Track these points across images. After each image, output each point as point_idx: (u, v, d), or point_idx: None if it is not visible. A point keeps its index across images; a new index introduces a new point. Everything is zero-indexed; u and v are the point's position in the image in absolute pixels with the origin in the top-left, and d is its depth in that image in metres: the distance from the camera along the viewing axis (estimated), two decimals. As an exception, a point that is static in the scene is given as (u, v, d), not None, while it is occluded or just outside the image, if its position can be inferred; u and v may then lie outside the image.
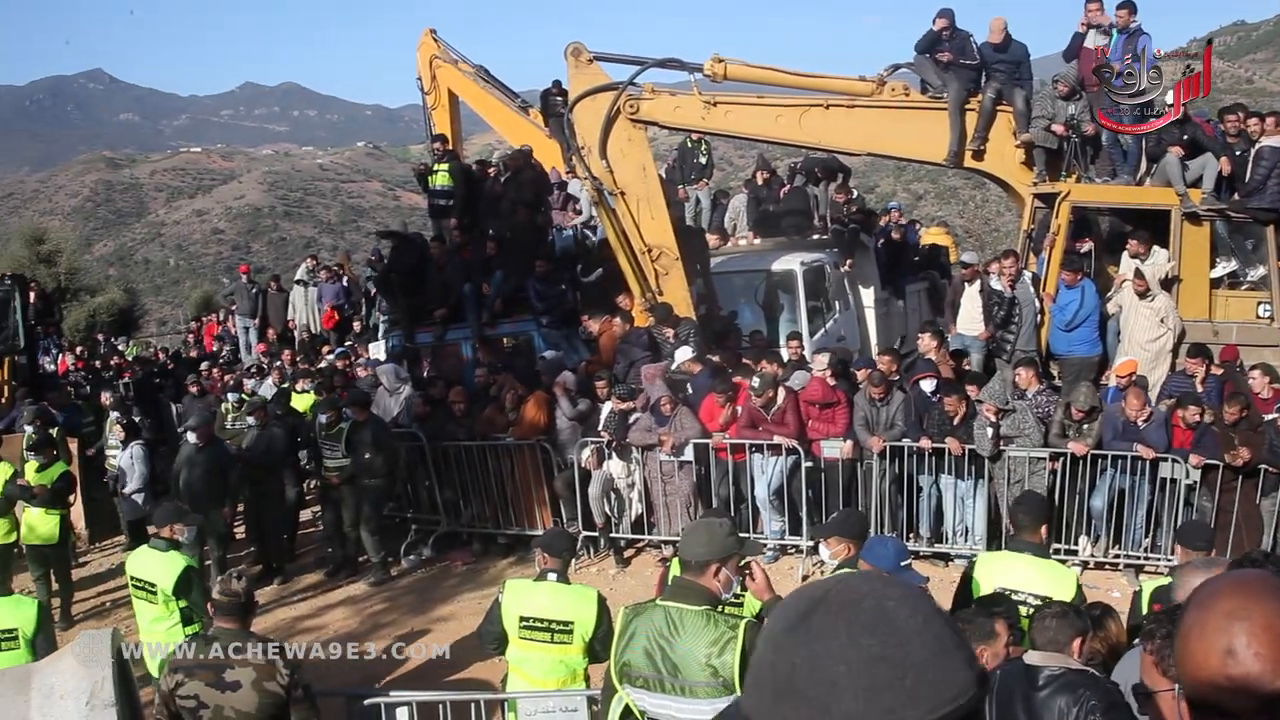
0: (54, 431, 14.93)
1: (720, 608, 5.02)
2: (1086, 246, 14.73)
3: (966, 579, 7.15)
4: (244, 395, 16.75)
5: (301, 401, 16.40)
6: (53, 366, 24.13)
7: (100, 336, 33.17)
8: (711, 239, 18.48)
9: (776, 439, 12.63)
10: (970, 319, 14.64)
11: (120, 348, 30.65)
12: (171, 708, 5.92)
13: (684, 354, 13.73)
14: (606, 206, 14.71)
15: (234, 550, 14.48)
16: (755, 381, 12.75)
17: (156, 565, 8.70)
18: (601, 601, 7.02)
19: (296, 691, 6.07)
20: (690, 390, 13.66)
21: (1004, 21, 14.64)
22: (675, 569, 7.17)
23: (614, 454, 13.36)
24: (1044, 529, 7.31)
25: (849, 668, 1.54)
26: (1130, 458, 11.77)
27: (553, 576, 7.12)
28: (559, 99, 18.62)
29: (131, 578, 8.92)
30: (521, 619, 6.96)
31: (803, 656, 1.58)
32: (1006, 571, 6.92)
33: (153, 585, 8.65)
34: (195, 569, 8.73)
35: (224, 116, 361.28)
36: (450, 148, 18.68)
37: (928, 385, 12.86)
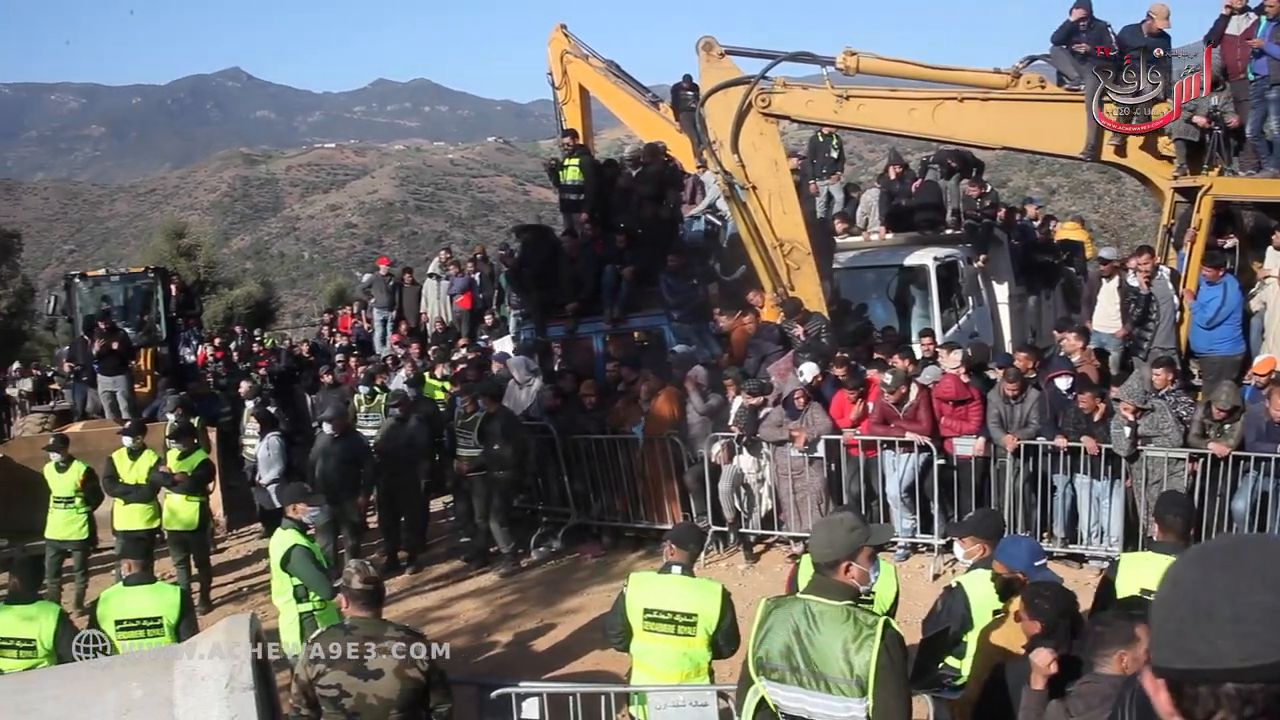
0: (194, 420, 15.28)
1: (858, 603, 5.00)
2: (1230, 242, 14.35)
3: (1108, 581, 7.02)
4: (375, 388, 17.00)
5: (434, 391, 16.63)
6: (192, 357, 24.59)
7: (238, 329, 33.78)
8: (839, 225, 18.39)
9: (908, 435, 12.52)
10: (1107, 316, 14.37)
11: (258, 339, 31.24)
12: (310, 696, 6.03)
13: (810, 370, 13.59)
14: (738, 201, 14.66)
15: (367, 540, 14.73)
16: (887, 378, 12.65)
17: (276, 542, 9.16)
18: (725, 595, 7.06)
19: (434, 677, 6.17)
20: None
21: (1168, 9, 14.21)
22: (805, 566, 7.17)
23: (744, 449, 13.33)
24: (1191, 532, 7.16)
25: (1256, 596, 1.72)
26: (1274, 460, 11.41)
27: (678, 569, 7.17)
28: (690, 93, 18.61)
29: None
30: (645, 611, 7.02)
31: (1219, 587, 1.75)
32: (1151, 575, 6.73)
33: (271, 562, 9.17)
34: (303, 548, 8.93)
35: (357, 113, 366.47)
36: (581, 142, 18.76)
37: (1063, 383, 12.61)
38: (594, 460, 14.47)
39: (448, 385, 16.79)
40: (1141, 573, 6.76)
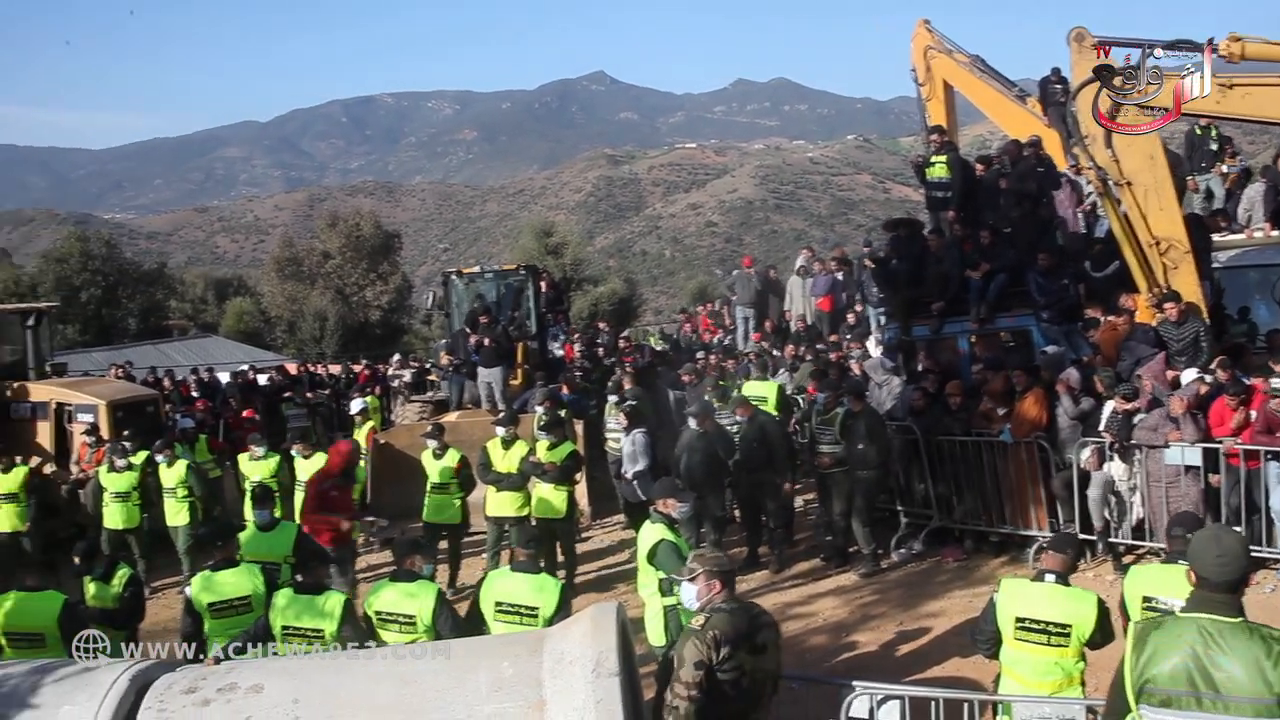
0: (562, 413, 15.78)
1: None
2: None
3: None
4: (724, 386, 17.13)
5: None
6: (560, 352, 25.33)
7: (602, 324, 34.68)
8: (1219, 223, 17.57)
9: (1295, 446, 11.82)
10: None
11: (623, 336, 31.96)
12: (707, 683, 6.06)
13: (1189, 375, 13.02)
14: (1112, 198, 14.17)
15: (727, 535, 14.90)
16: (1273, 384, 12.00)
17: (644, 536, 9.29)
18: (1102, 606, 6.92)
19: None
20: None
21: None
22: (1131, 581, 6.95)
23: (1115, 455, 12.88)
24: None
25: None
26: None
27: (1051, 578, 7.07)
28: (1058, 87, 18.11)
29: None
30: (1017, 620, 6.95)
31: None
32: None
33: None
34: (670, 543, 8.98)
35: (717, 113, 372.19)
36: (947, 139, 18.47)
37: None
38: (958, 462, 14.26)
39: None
40: None
